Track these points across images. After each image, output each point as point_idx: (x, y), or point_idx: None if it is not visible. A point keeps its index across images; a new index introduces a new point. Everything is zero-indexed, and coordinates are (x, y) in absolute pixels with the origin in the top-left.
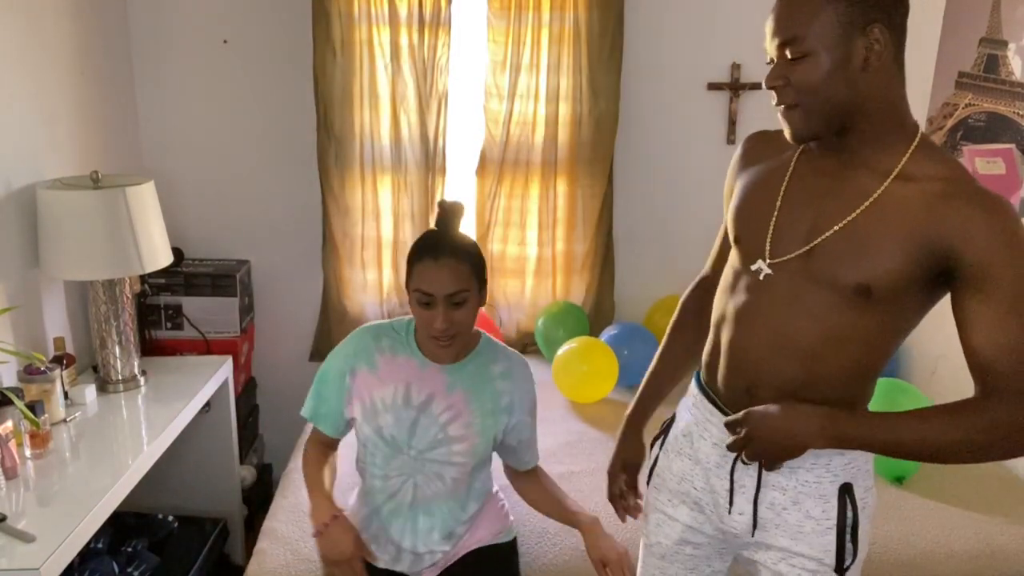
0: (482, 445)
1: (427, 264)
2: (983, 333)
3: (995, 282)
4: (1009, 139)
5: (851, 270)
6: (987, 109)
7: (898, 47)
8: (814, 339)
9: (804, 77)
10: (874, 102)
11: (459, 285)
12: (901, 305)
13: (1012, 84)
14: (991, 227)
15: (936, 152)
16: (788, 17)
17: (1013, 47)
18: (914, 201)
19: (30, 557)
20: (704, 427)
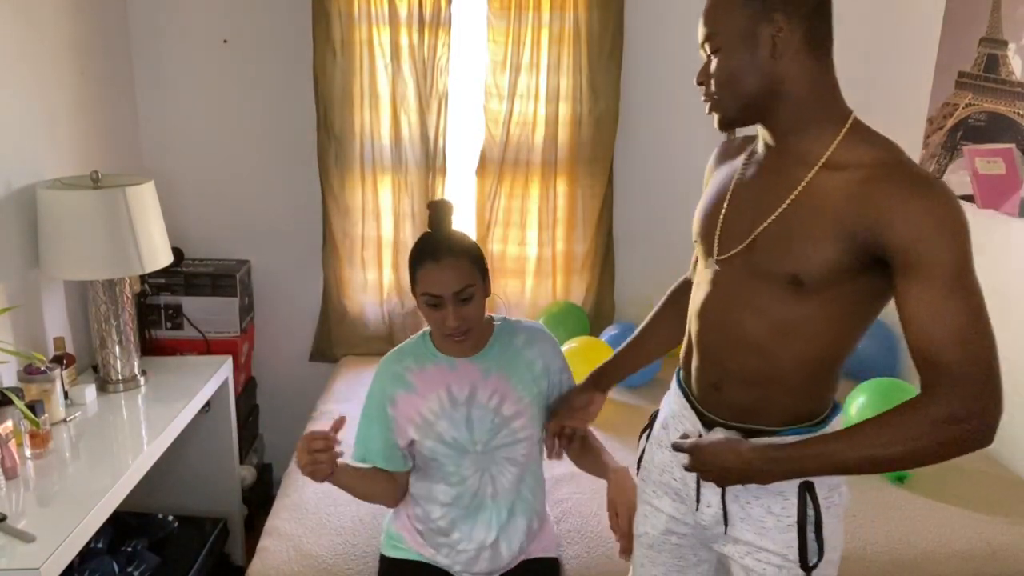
0: (538, 412)
1: (429, 267)
2: (919, 322)
3: (927, 266)
4: (1009, 139)
5: (783, 262)
6: (987, 109)
7: (809, 33)
8: (763, 332)
9: (719, 69)
10: (791, 89)
11: (464, 281)
12: (842, 295)
13: (1012, 84)
14: (917, 209)
15: (868, 137)
16: (705, 17)
17: (1013, 47)
18: (841, 189)
19: (30, 557)
20: (680, 420)
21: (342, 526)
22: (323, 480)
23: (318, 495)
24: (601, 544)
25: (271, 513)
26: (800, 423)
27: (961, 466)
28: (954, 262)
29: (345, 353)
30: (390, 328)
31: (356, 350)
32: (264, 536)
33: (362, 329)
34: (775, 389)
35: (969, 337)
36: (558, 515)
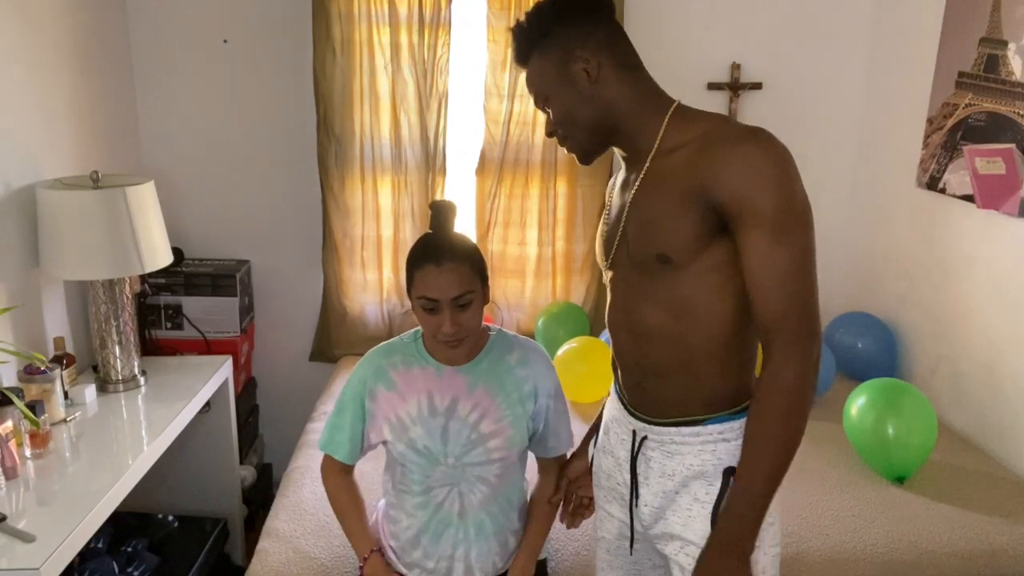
0: (517, 435)
1: (429, 270)
2: (752, 274)
3: (751, 215)
4: (1009, 139)
5: (649, 245)
6: (987, 109)
7: (612, 55)
8: (662, 319)
9: (558, 115)
10: (619, 104)
11: (463, 287)
12: (715, 266)
13: (1012, 84)
14: (736, 161)
15: (693, 117)
16: (528, 84)
17: (1013, 47)
18: (678, 166)
19: (30, 557)
20: (618, 424)
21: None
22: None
23: (316, 496)
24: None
25: (270, 514)
26: (723, 410)
27: (961, 466)
28: (776, 209)
29: (345, 353)
30: (390, 328)
31: (356, 350)
32: (263, 537)
33: (362, 329)
34: (690, 376)
35: (791, 284)
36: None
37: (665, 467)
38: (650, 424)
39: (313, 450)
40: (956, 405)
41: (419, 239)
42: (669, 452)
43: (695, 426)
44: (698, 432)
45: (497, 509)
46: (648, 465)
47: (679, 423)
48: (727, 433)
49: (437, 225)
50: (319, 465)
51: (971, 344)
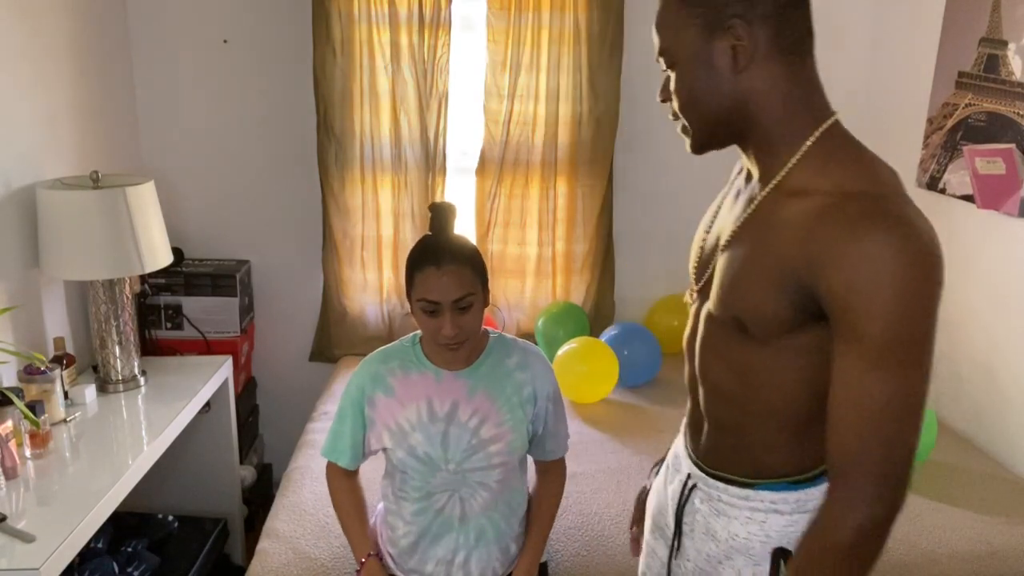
0: (518, 440)
1: (429, 272)
2: (838, 396)
3: (855, 326)
4: (1009, 139)
5: (727, 303)
6: (987, 109)
7: (777, 35)
8: (727, 378)
9: (677, 89)
10: (762, 104)
11: (464, 290)
12: (802, 346)
13: (1012, 84)
14: (856, 253)
15: (837, 150)
16: (657, 29)
17: (1013, 47)
18: (792, 222)
19: (30, 557)
20: (677, 460)
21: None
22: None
23: (317, 497)
24: (600, 543)
25: (270, 514)
26: (780, 477)
27: (962, 466)
28: (888, 327)
29: (345, 353)
30: (390, 328)
31: (356, 350)
32: (263, 538)
33: (362, 329)
34: (747, 439)
35: (882, 424)
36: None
37: (710, 525)
38: (702, 472)
39: (313, 450)
40: (956, 405)
41: (419, 241)
42: (716, 510)
43: (745, 488)
44: (748, 496)
45: (498, 515)
46: (694, 517)
47: (729, 481)
48: (780, 505)
49: (437, 227)
50: (320, 466)
51: (971, 344)
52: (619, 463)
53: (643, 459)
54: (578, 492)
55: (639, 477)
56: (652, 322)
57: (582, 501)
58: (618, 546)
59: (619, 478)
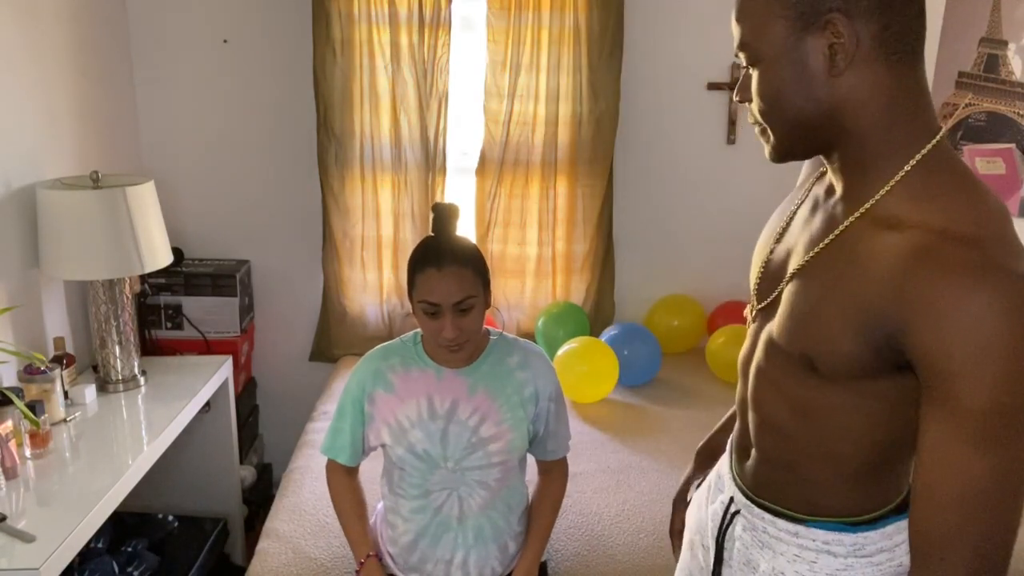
0: (518, 439)
1: (430, 274)
2: (931, 467)
3: (951, 394)
4: (1009, 139)
5: (797, 335)
6: (987, 109)
7: (883, 32)
8: (782, 411)
9: (760, 90)
10: (860, 110)
11: (465, 292)
12: (875, 391)
13: (1012, 84)
14: (956, 312)
15: (940, 176)
16: (740, 17)
17: (1013, 47)
18: (881, 259)
19: (30, 557)
20: (721, 480)
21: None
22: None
23: (317, 496)
24: (600, 543)
25: (270, 514)
26: (837, 516)
27: None
28: (991, 401)
29: (345, 353)
30: (390, 328)
31: (356, 350)
32: (263, 538)
33: (362, 329)
34: (800, 477)
35: (980, 507)
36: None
37: (751, 557)
38: (747, 499)
39: (313, 450)
40: None
41: (421, 242)
42: (760, 542)
43: (796, 524)
44: (797, 532)
45: (497, 514)
46: (734, 546)
47: (778, 513)
48: (834, 546)
49: (439, 228)
50: (320, 465)
51: None
52: (619, 463)
53: (643, 459)
54: (578, 492)
55: (639, 477)
56: (652, 322)
57: (582, 501)
58: (618, 546)
59: (619, 478)
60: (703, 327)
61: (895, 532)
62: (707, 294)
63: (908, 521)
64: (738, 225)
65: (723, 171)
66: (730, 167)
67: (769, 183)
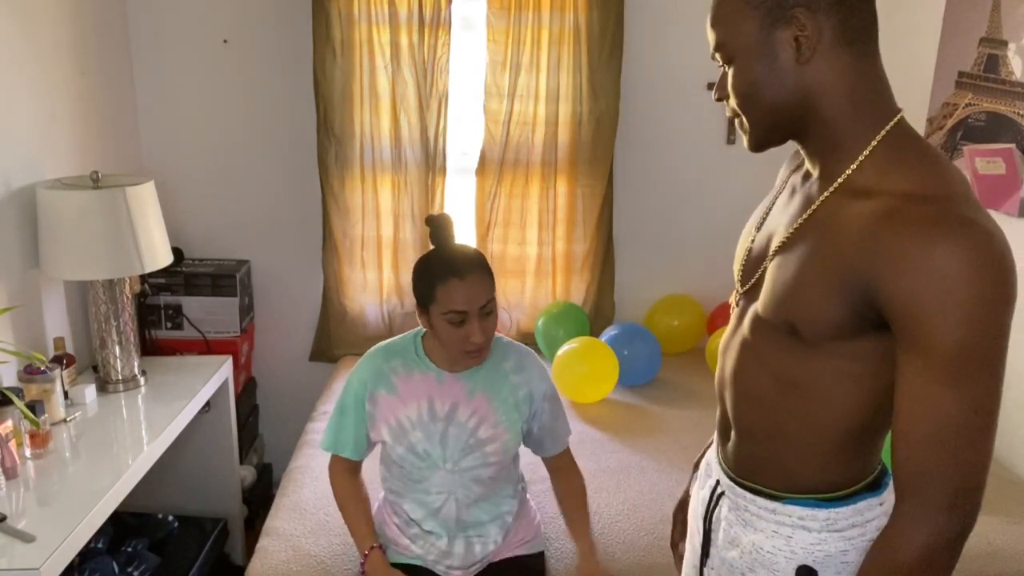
0: (512, 440)
1: (454, 284)
2: (900, 407)
3: (923, 338)
4: (1009, 139)
5: (780, 306)
6: (987, 109)
7: (843, 23)
8: (766, 385)
9: (735, 84)
10: (826, 96)
11: (488, 295)
12: (856, 355)
13: (1012, 84)
14: (926, 261)
15: (904, 149)
16: (713, 21)
17: (1013, 47)
18: (855, 225)
19: (30, 557)
20: (708, 466)
21: (341, 527)
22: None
23: (317, 495)
24: (600, 542)
25: (270, 513)
26: (811, 493)
27: None
28: (959, 343)
29: (345, 353)
30: (390, 328)
31: (356, 350)
32: (263, 536)
33: (362, 329)
34: (780, 451)
35: (954, 440)
36: (556, 511)
37: (735, 534)
38: (730, 480)
39: (313, 450)
40: None
41: (429, 255)
42: (742, 520)
43: (773, 500)
44: (775, 509)
45: (491, 504)
46: (720, 526)
47: (757, 491)
48: (809, 521)
49: (441, 239)
50: (320, 465)
51: None
52: (619, 463)
53: (643, 459)
54: None
55: (639, 477)
56: (652, 322)
57: None
58: (618, 545)
59: (619, 478)
60: (703, 327)
61: (866, 509)
62: (707, 294)
63: (891, 462)
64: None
65: (723, 171)
66: (730, 167)
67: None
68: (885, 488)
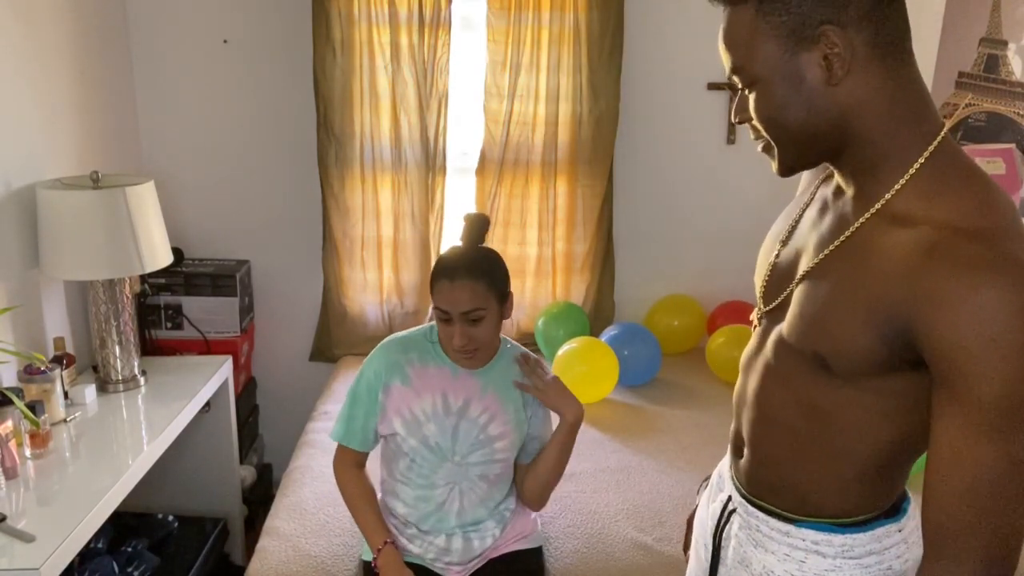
0: (518, 440)
1: (443, 284)
2: (944, 459)
3: (964, 387)
4: (1009, 139)
5: (807, 333)
6: (987, 109)
7: (876, 35)
8: (790, 410)
9: (758, 109)
10: (863, 115)
11: (474, 304)
12: (888, 389)
13: (1012, 84)
14: (970, 305)
15: (950, 171)
16: (727, 43)
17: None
18: (894, 255)
19: (30, 557)
20: (721, 479)
21: (341, 527)
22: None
23: (317, 496)
24: (600, 541)
25: (270, 513)
26: (827, 517)
27: None
28: (1002, 390)
29: (345, 353)
30: (390, 328)
31: (356, 350)
32: (263, 536)
33: (362, 329)
34: (797, 475)
35: (991, 498)
36: (556, 511)
37: (745, 555)
38: (742, 497)
39: (313, 449)
40: None
41: (446, 251)
42: (754, 540)
43: (787, 523)
44: (788, 531)
45: (492, 502)
46: (730, 544)
47: (770, 512)
48: (823, 547)
49: (465, 237)
50: (320, 465)
51: None
52: (619, 463)
53: (643, 459)
54: (578, 491)
55: (639, 477)
56: (652, 322)
57: (582, 500)
58: (617, 544)
59: (619, 478)
60: (703, 327)
61: (884, 535)
62: (707, 294)
63: (921, 514)
64: (738, 225)
65: (723, 171)
66: (730, 167)
67: (769, 183)
68: (904, 514)
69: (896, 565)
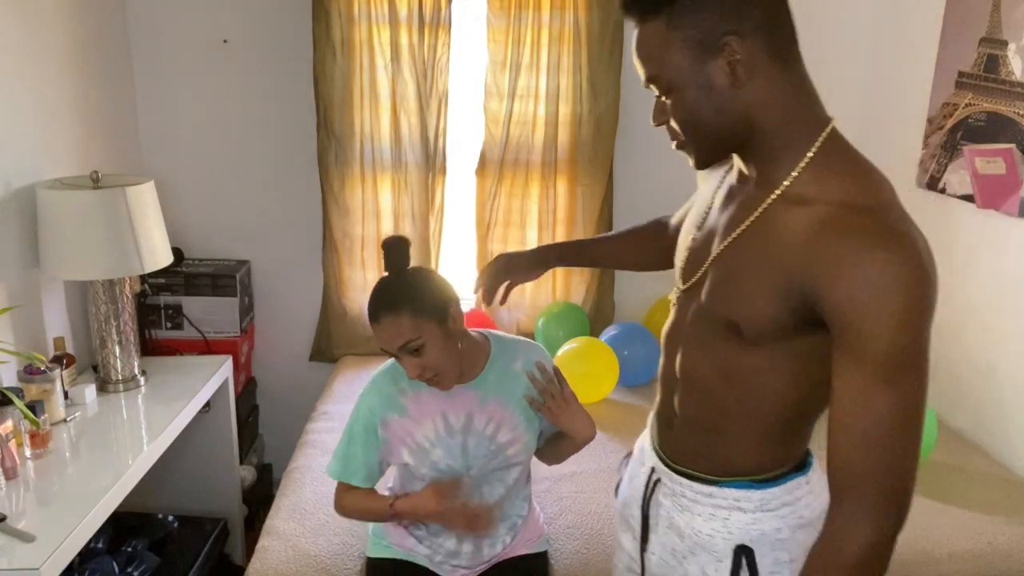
0: (532, 440)
1: (373, 326)
2: (843, 410)
3: (858, 342)
4: (1009, 139)
5: (722, 306)
6: (987, 109)
7: (770, 43)
8: (710, 375)
9: (675, 113)
10: (765, 113)
11: (404, 338)
12: (794, 352)
13: (1012, 84)
14: (861, 269)
15: (842, 161)
16: (641, 56)
17: (1013, 47)
18: (794, 230)
19: (30, 557)
20: (643, 454)
21: (341, 527)
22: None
23: (317, 495)
24: (600, 541)
25: (270, 513)
26: (745, 475)
27: (961, 466)
28: (891, 343)
29: (345, 353)
30: None
31: (356, 350)
32: (263, 536)
33: (362, 329)
34: (720, 438)
35: (887, 441)
36: (557, 511)
37: (674, 520)
38: (666, 467)
39: (313, 450)
40: (956, 405)
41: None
42: (680, 506)
43: (709, 485)
44: (711, 493)
45: (508, 504)
46: (658, 511)
47: (693, 477)
48: (744, 503)
49: (387, 266)
50: (320, 465)
51: (971, 344)
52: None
53: None
54: (578, 492)
55: None
56: (652, 322)
57: (582, 500)
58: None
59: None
60: None
61: (795, 487)
62: None
63: (827, 462)
64: None
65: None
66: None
67: None
68: (810, 467)
69: (807, 513)
